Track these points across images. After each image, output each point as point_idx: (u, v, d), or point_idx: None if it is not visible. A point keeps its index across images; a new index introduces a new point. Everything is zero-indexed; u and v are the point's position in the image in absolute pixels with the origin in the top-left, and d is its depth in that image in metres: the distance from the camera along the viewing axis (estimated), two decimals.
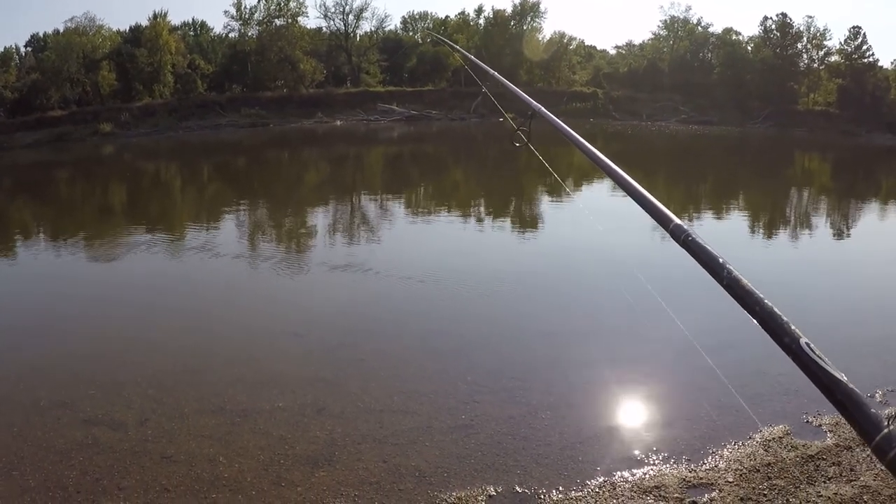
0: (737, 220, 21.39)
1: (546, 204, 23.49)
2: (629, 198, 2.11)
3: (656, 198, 1.97)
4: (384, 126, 58.92)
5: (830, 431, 7.08)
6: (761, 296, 1.40)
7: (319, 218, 21.71)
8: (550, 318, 11.06)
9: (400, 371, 8.81)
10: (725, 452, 6.69)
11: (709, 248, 1.62)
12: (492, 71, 5.18)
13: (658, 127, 60.21)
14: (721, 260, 1.55)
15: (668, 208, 1.89)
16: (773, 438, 6.91)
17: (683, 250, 1.72)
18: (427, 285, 12.91)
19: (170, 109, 58.18)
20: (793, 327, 1.30)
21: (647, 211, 1.94)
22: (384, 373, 8.72)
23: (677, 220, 1.77)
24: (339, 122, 60.18)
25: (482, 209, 22.88)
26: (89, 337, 10.52)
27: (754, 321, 1.39)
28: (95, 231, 20.20)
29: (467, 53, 6.36)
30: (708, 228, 19.14)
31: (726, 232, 18.97)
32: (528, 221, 20.54)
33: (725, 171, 34.91)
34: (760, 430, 7.03)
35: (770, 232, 19.60)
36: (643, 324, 10.02)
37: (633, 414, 7.78)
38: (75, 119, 54.79)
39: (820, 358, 1.22)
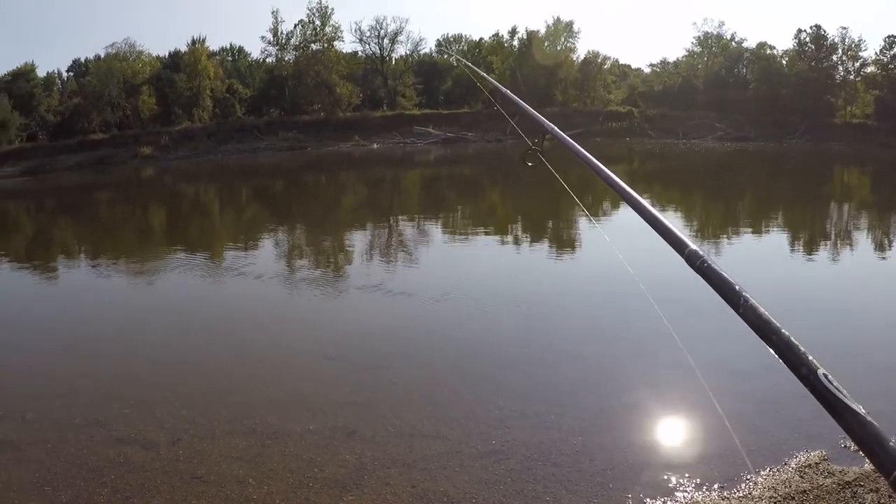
0: (775, 238, 21.00)
1: (580, 225, 23.33)
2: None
3: (694, 217, 1.92)
4: (420, 149, 59.23)
5: None
6: (778, 325, 1.37)
7: (355, 240, 21.85)
8: (582, 340, 10.93)
9: (431, 395, 8.77)
10: (760, 479, 6.50)
11: (725, 274, 1.58)
12: (503, 89, 5.14)
13: (694, 144, 59.58)
14: (737, 287, 1.51)
15: (706, 228, 1.85)
16: (809, 464, 6.70)
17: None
18: (460, 307, 12.88)
19: (209, 133, 59.24)
20: (810, 358, 1.28)
21: (661, 235, 1.91)
22: (415, 396, 8.70)
23: (693, 246, 1.74)
24: (375, 146, 60.65)
25: (517, 231, 22.83)
26: (124, 356, 10.67)
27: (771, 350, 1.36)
28: (134, 252, 20.59)
29: (478, 69, 6.35)
30: (745, 246, 18.93)
31: (763, 249, 18.66)
32: (562, 242, 20.40)
33: (762, 188, 34.39)
34: (796, 456, 6.83)
35: (810, 249, 19.19)
36: (676, 348, 9.85)
37: (665, 439, 7.63)
38: (116, 142, 56.10)
39: (837, 389, 1.20)
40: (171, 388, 9.04)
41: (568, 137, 3.12)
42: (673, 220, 1.92)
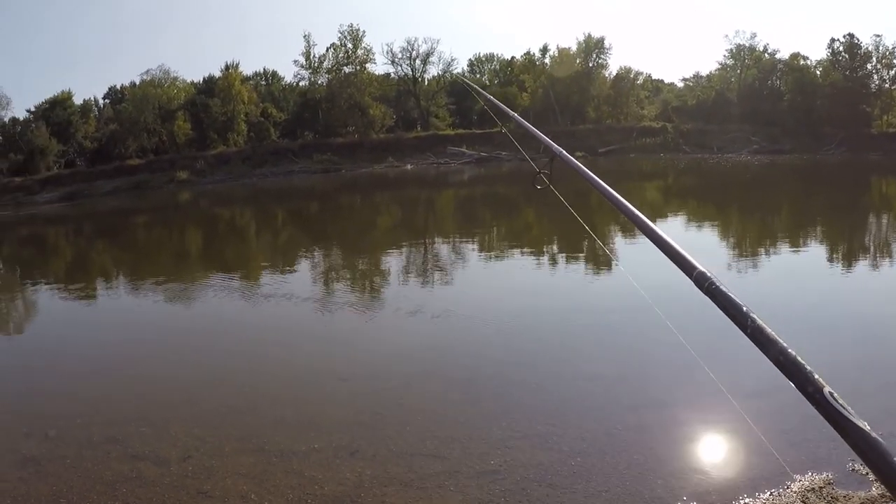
0: (814, 252, 20.73)
1: (597, 246, 23.34)
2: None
3: (731, 232, 1.97)
4: (454, 169, 59.62)
5: (877, 481, 6.29)
6: (785, 345, 1.42)
7: (384, 262, 22.12)
8: (595, 361, 10.95)
9: (438, 415, 8.93)
10: (758, 503, 6.42)
11: (732, 296, 1.63)
12: (512, 113, 5.29)
13: (729, 159, 59.07)
14: (745, 308, 1.56)
15: (742, 243, 1.93)
16: (813, 488, 6.55)
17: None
18: (476, 327, 13.05)
19: (244, 157, 60.40)
20: (816, 376, 1.33)
21: (670, 258, 1.94)
22: (421, 417, 8.86)
23: (701, 268, 1.78)
24: (409, 166, 61.26)
25: (535, 250, 22.88)
26: (146, 377, 11.09)
27: (778, 370, 1.43)
28: (169, 276, 21.11)
29: (486, 93, 6.44)
30: (782, 261, 18.86)
31: (800, 264, 18.48)
32: (580, 262, 20.38)
33: (798, 202, 34.01)
34: (799, 480, 6.70)
35: (849, 262, 18.83)
36: (681, 370, 9.92)
37: (663, 460, 7.56)
38: (152, 167, 57.53)
39: (843, 408, 1.25)
40: (187, 408, 9.41)
41: (574, 160, 3.21)
42: (681, 243, 1.97)
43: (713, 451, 7.67)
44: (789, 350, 1.40)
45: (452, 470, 7.36)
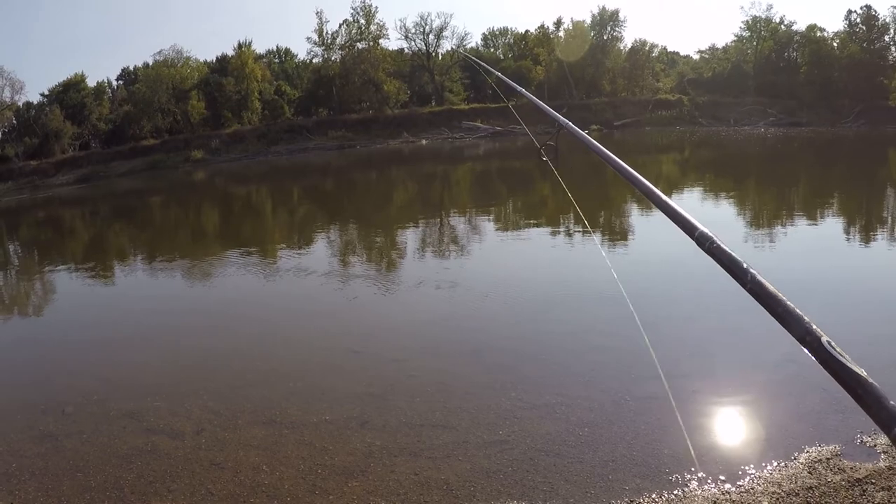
0: (832, 224, 20.55)
1: (606, 220, 23.28)
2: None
3: (748, 204, 1.96)
4: (469, 143, 59.42)
5: (884, 453, 6.55)
6: (783, 298, 1.45)
7: (399, 237, 22.20)
8: (604, 332, 10.91)
9: (447, 386, 9.00)
10: (765, 474, 6.33)
11: (733, 253, 1.67)
12: (520, 88, 5.28)
13: (746, 131, 58.52)
14: (745, 265, 1.59)
15: (762, 213, 1.91)
16: (820, 459, 6.50)
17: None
18: (486, 301, 13.10)
19: (258, 135, 60.48)
20: (814, 327, 1.34)
21: (673, 220, 2.00)
22: (431, 388, 8.94)
23: (702, 228, 1.82)
24: (424, 142, 61.17)
25: (552, 223, 22.84)
26: (162, 351, 11.33)
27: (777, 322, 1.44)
28: (183, 254, 21.37)
29: (494, 70, 6.45)
30: (801, 232, 18.71)
31: (818, 237, 18.30)
32: (614, 234, 20.28)
33: (816, 174, 33.63)
34: (807, 451, 6.67)
35: (867, 235, 18.58)
36: (692, 342, 9.95)
37: (673, 431, 7.41)
38: (167, 147, 57.73)
39: (840, 355, 1.26)
40: (201, 381, 9.57)
41: (580, 131, 3.21)
42: (690, 206, 2.08)
43: (721, 422, 7.65)
44: (788, 302, 1.43)
45: (461, 440, 7.44)
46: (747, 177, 33.39)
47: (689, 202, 23.59)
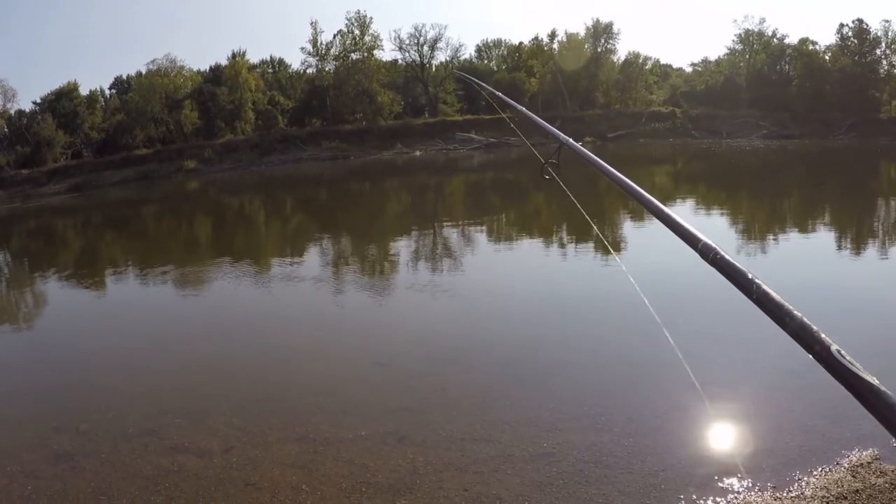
0: (822, 237, 20.47)
1: (628, 229, 23.04)
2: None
3: (741, 217, 1.85)
4: (463, 155, 59.18)
5: None
6: (791, 307, 1.42)
7: (401, 247, 21.79)
8: (631, 344, 10.68)
9: (482, 399, 8.68)
10: (812, 479, 6.34)
11: (737, 264, 1.64)
12: (519, 107, 5.17)
13: (738, 143, 58.61)
14: (750, 275, 1.57)
15: (753, 226, 1.80)
16: (862, 463, 6.53)
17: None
18: (508, 312, 12.81)
19: (252, 145, 60.05)
20: (823, 336, 1.32)
21: (676, 233, 1.98)
22: (466, 401, 8.61)
23: (705, 240, 1.81)
24: (418, 153, 60.92)
25: (563, 235, 22.58)
26: (175, 366, 10.81)
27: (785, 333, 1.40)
28: (183, 264, 20.83)
29: (488, 87, 6.37)
30: (792, 245, 18.57)
31: (811, 249, 18.22)
32: (612, 245, 20.08)
33: (808, 187, 33.65)
34: (848, 455, 6.67)
35: (857, 247, 18.56)
36: (725, 350, 9.69)
37: (716, 440, 7.49)
38: (160, 157, 57.20)
39: (851, 363, 1.24)
40: (222, 397, 9.09)
41: (581, 147, 3.18)
42: (685, 218, 1.97)
43: (759, 429, 7.53)
44: (795, 312, 1.40)
45: (506, 454, 7.14)
46: (740, 189, 33.33)
47: (682, 212, 23.44)
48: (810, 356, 1.32)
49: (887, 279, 14.96)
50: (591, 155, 2.93)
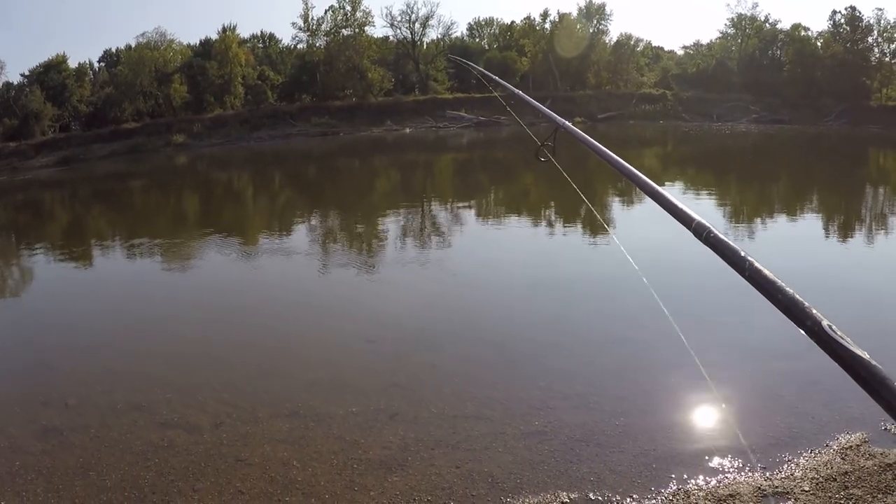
0: (810, 222, 20.57)
1: (619, 210, 23.03)
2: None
3: (729, 200, 1.83)
4: (453, 133, 58.77)
5: None
6: (782, 284, 1.43)
7: (391, 224, 21.61)
8: (624, 323, 10.70)
9: (473, 376, 8.68)
10: (801, 461, 6.42)
11: (730, 243, 1.67)
12: (515, 89, 5.24)
13: (728, 127, 58.60)
14: (742, 254, 1.59)
15: (742, 210, 1.78)
16: (851, 446, 6.62)
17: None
18: (501, 290, 12.80)
19: (241, 120, 59.44)
20: (814, 311, 1.32)
21: (670, 213, 2.01)
22: (457, 378, 8.61)
23: (699, 219, 1.82)
24: (408, 130, 60.50)
25: (553, 215, 22.55)
26: (164, 340, 10.73)
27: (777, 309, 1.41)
28: (172, 239, 20.67)
29: (483, 70, 6.43)
30: (779, 229, 18.67)
31: (798, 233, 18.31)
32: (600, 227, 20.06)
33: (797, 172, 33.75)
34: (837, 438, 6.76)
35: (844, 233, 18.64)
36: (717, 333, 9.71)
37: (707, 420, 7.54)
38: (149, 131, 56.45)
39: (842, 338, 1.25)
40: (212, 373, 9.06)
41: (578, 130, 3.18)
42: (679, 198, 2.00)
43: (751, 410, 7.64)
44: (787, 288, 1.41)
45: (497, 431, 7.16)
46: (728, 172, 33.38)
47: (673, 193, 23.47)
48: (802, 332, 1.32)
49: (871, 262, 15.12)
50: (590, 139, 2.94)
